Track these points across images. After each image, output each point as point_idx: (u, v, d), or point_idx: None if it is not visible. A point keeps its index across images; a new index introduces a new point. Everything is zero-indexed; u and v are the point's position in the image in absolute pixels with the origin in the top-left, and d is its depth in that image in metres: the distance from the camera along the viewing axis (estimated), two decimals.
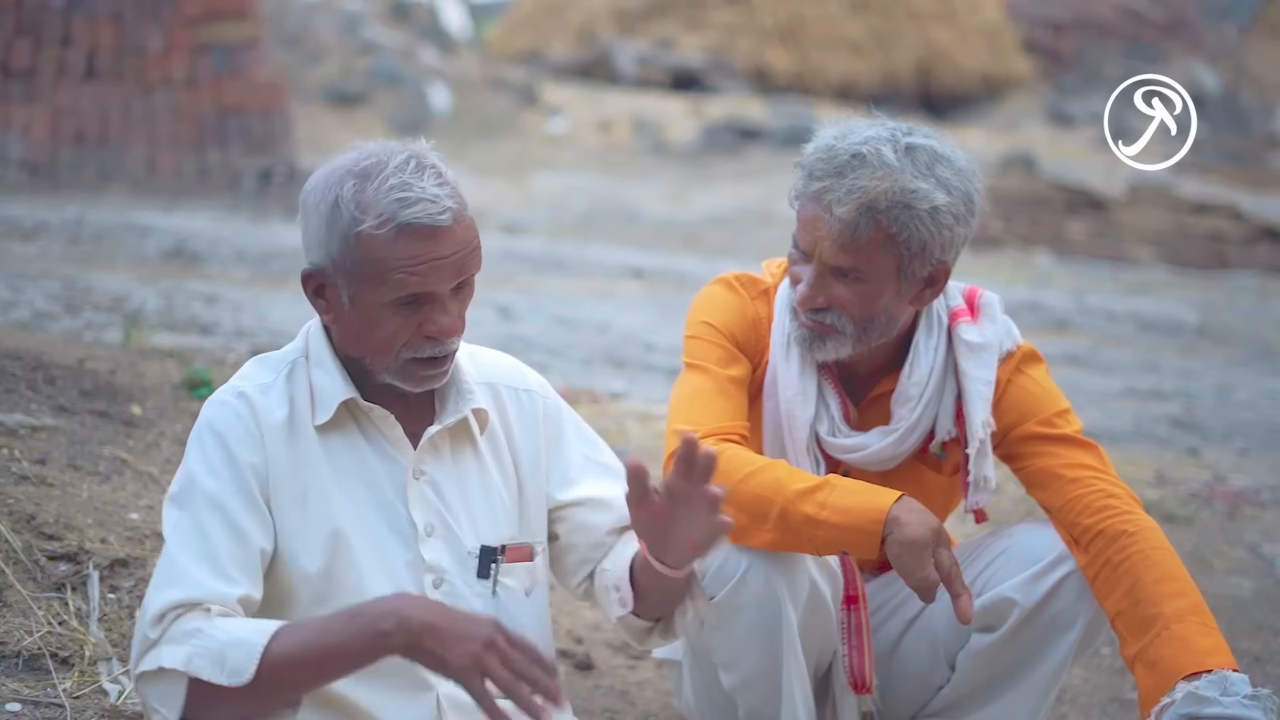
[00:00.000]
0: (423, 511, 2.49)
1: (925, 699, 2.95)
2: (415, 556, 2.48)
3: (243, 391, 2.47)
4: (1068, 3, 25.25)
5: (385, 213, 2.35)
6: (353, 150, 2.43)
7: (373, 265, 2.37)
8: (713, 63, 22.39)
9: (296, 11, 18.65)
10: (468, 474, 2.54)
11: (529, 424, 2.62)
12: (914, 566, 2.60)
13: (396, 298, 2.39)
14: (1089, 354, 8.59)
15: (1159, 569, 2.68)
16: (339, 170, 2.41)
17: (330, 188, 2.39)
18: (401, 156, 2.39)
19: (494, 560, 2.52)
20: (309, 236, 2.42)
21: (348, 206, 2.37)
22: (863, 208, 2.67)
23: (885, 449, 2.85)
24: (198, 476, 2.40)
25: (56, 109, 11.23)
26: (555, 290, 9.22)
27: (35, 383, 3.95)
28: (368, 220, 2.35)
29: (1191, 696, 2.56)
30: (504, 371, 2.64)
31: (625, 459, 2.40)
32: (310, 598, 2.43)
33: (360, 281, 2.39)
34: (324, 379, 2.48)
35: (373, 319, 2.41)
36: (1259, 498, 5.12)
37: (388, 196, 2.35)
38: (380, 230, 2.35)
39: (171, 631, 2.28)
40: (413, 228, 2.36)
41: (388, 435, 2.50)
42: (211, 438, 2.42)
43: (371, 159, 2.39)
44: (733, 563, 2.69)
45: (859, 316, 2.76)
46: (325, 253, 2.40)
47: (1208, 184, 15.84)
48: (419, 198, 2.36)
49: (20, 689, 2.91)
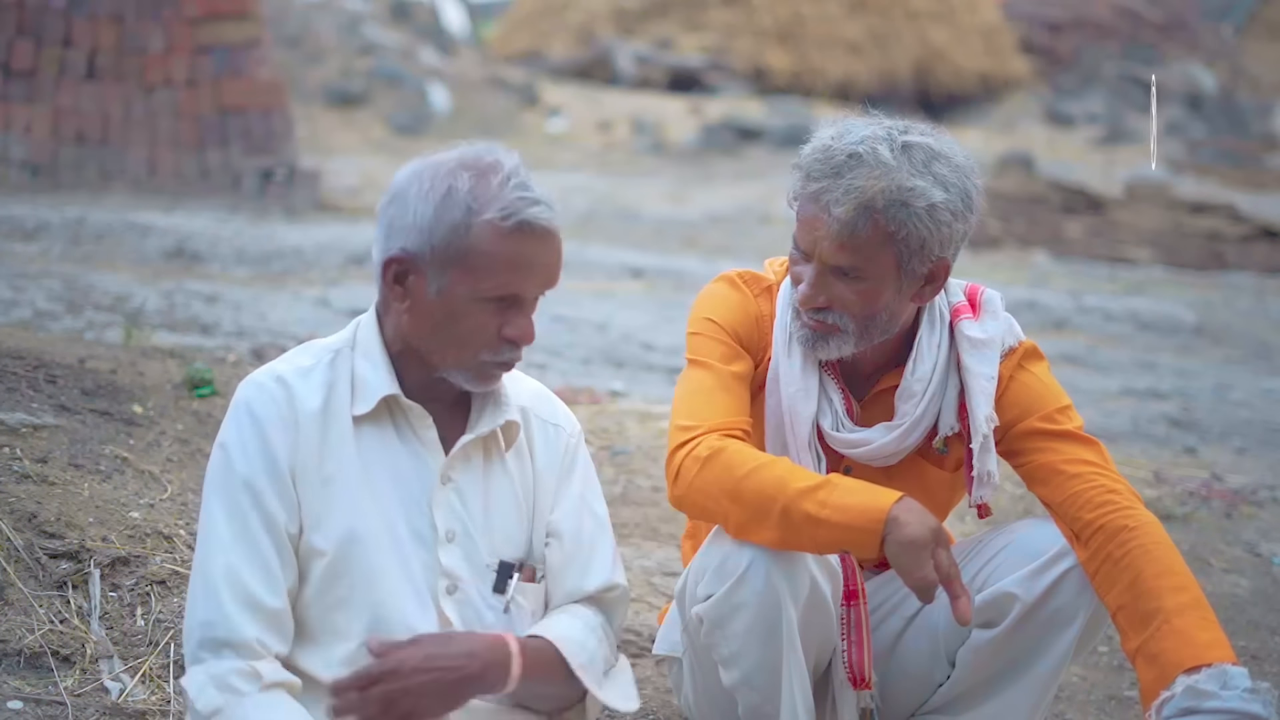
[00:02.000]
0: (446, 517, 2.51)
1: (925, 696, 2.96)
2: (432, 559, 2.50)
3: (281, 375, 2.50)
4: (1065, 3, 25.26)
5: (510, 208, 2.40)
6: (459, 146, 2.47)
7: (480, 258, 2.41)
8: (712, 63, 22.41)
9: (296, 11, 18.66)
10: (494, 487, 2.56)
11: (552, 457, 2.64)
12: (912, 566, 2.60)
13: (494, 295, 2.43)
14: (1087, 353, 8.60)
15: (1159, 564, 2.69)
16: (449, 164, 2.44)
17: (442, 178, 2.42)
18: (515, 159, 2.45)
19: (510, 576, 2.54)
20: (404, 222, 2.43)
21: (463, 196, 2.40)
22: (860, 207, 2.68)
23: (889, 444, 2.86)
24: (233, 454, 2.46)
25: (58, 109, 11.24)
26: (555, 290, 9.21)
27: (36, 382, 3.96)
28: (489, 212, 2.40)
29: (1191, 690, 2.57)
30: (537, 400, 2.67)
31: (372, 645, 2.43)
32: (320, 578, 2.46)
33: (460, 272, 2.42)
34: (369, 370, 2.50)
35: (459, 313, 2.44)
36: (1256, 496, 5.13)
37: (513, 194, 2.41)
38: (503, 223, 2.40)
39: (215, 668, 2.37)
40: (531, 226, 2.41)
41: (421, 436, 2.52)
42: (248, 419, 2.47)
43: (489, 156, 2.45)
44: (734, 560, 2.70)
45: (860, 315, 2.77)
46: (424, 240, 2.42)
47: (1205, 184, 15.84)
48: (539, 199, 2.42)
49: (22, 687, 2.92)
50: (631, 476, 4.76)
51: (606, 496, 2.97)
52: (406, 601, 2.47)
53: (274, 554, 2.43)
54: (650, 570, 4.04)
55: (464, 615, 2.50)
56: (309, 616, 2.47)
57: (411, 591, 2.48)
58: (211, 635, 2.38)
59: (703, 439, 2.73)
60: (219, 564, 2.41)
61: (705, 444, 2.72)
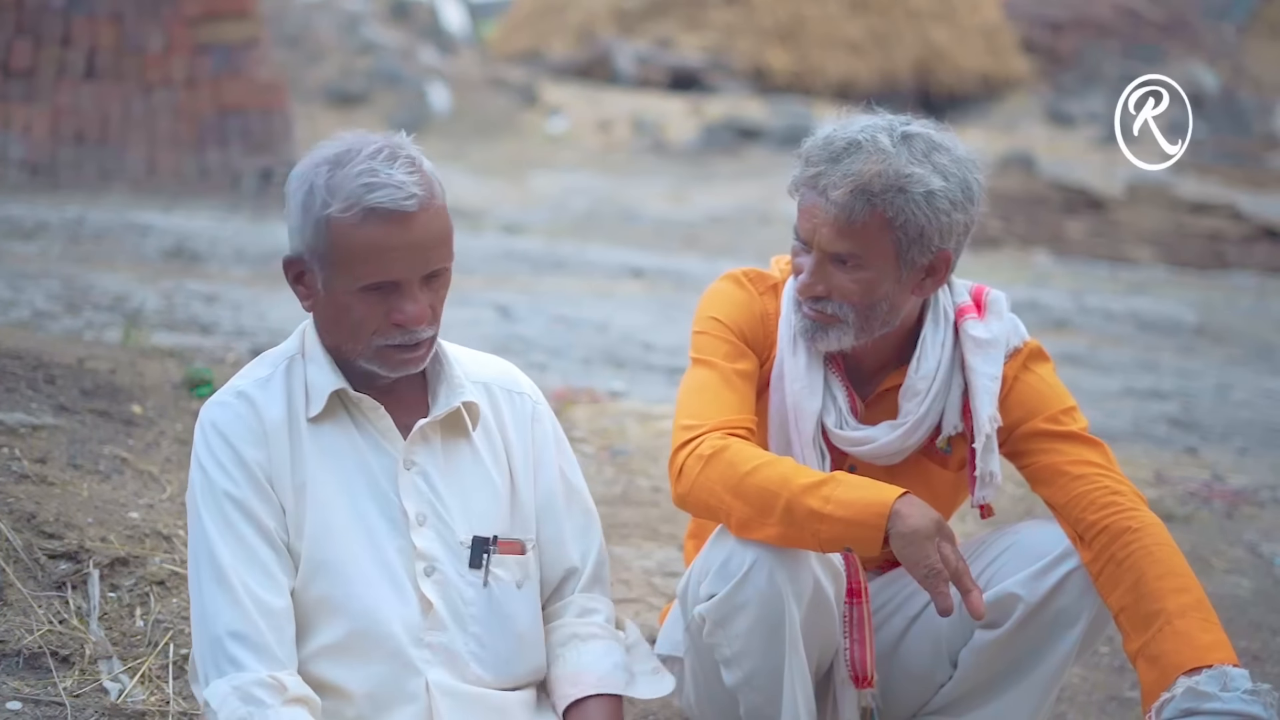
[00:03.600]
0: (414, 500, 2.54)
1: (927, 696, 2.96)
2: (406, 543, 2.52)
3: (242, 390, 2.53)
4: (1066, 2, 25.25)
5: (352, 197, 2.40)
6: (334, 140, 2.49)
7: (341, 251, 2.42)
8: (712, 63, 22.39)
9: (296, 11, 18.66)
10: (460, 466, 2.58)
11: (521, 424, 2.67)
12: (919, 557, 2.60)
13: (363, 284, 2.44)
14: (1088, 353, 8.59)
15: (1162, 565, 2.69)
16: (316, 158, 2.46)
17: (306, 175, 2.45)
18: (374, 145, 2.44)
19: (486, 550, 2.56)
20: (289, 224, 2.48)
21: (320, 192, 2.42)
22: (857, 190, 2.69)
23: (893, 442, 2.85)
24: (213, 476, 2.47)
25: (57, 109, 11.23)
26: (555, 290, 9.22)
27: (36, 382, 3.95)
28: (335, 204, 2.41)
29: (1192, 692, 2.57)
30: (497, 374, 2.71)
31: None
32: (303, 581, 2.49)
33: (331, 267, 2.44)
34: (315, 372, 2.53)
35: (343, 305, 2.46)
36: (1257, 497, 5.12)
37: (355, 182, 2.40)
38: (346, 214, 2.40)
39: (238, 679, 2.38)
40: (377, 213, 2.40)
41: (378, 426, 2.54)
42: (218, 439, 2.49)
43: (346, 147, 2.45)
44: (737, 559, 2.70)
45: (860, 304, 2.76)
46: (302, 239, 2.46)
47: (1206, 184, 15.84)
48: (385, 183, 2.41)
49: (21, 688, 2.91)
50: (632, 477, 4.76)
51: (607, 497, 2.98)
52: (383, 589, 2.50)
53: (272, 559, 2.46)
54: (651, 570, 4.03)
55: (445, 595, 2.53)
56: (295, 611, 2.49)
57: (388, 579, 2.50)
58: (234, 635, 2.39)
59: (705, 437, 2.73)
60: (233, 576, 2.42)
61: (708, 442, 2.72)
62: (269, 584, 2.44)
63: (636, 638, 2.75)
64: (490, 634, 2.56)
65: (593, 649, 2.65)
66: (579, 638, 2.66)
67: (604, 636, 2.68)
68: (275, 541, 2.47)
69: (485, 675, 2.55)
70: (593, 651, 2.65)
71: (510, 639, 2.58)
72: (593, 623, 2.68)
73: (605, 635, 2.68)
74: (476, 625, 2.55)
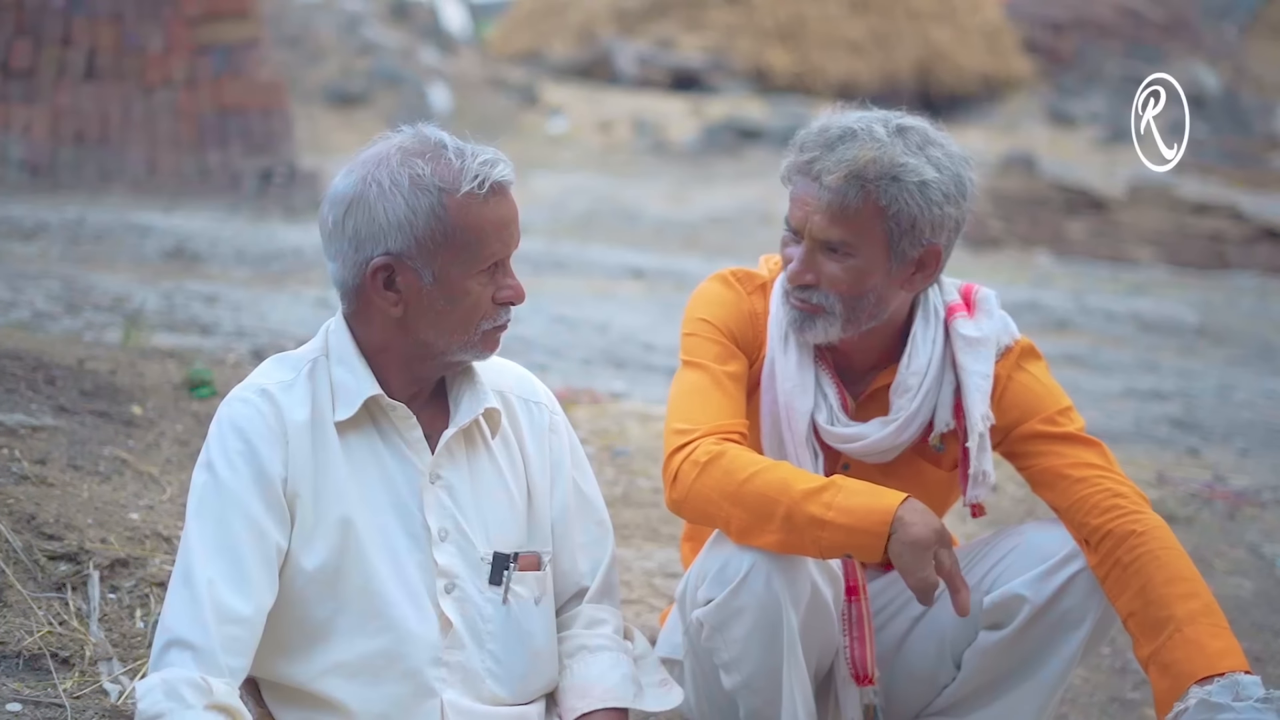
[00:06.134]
0: (437, 516, 2.50)
1: (930, 697, 2.95)
2: (427, 559, 2.49)
3: (265, 389, 2.47)
4: (1067, 3, 25.24)
5: (480, 173, 2.40)
6: (382, 143, 2.46)
7: (468, 232, 2.41)
8: (713, 63, 22.39)
9: (296, 11, 18.65)
10: (482, 478, 2.55)
11: (539, 436, 2.65)
12: (915, 567, 2.60)
13: (489, 262, 2.44)
14: (1089, 354, 8.59)
15: (1169, 569, 2.69)
16: (392, 158, 2.42)
17: (395, 172, 2.41)
18: (443, 133, 2.45)
19: (506, 567, 2.54)
20: (375, 227, 2.41)
21: (431, 180, 2.40)
22: (851, 176, 2.69)
23: (884, 439, 2.85)
24: (220, 472, 2.41)
25: (57, 109, 11.22)
26: (555, 290, 9.21)
27: (35, 383, 3.95)
28: (464, 185, 2.40)
29: (1205, 703, 2.56)
30: (515, 381, 2.67)
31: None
32: (315, 587, 2.44)
33: (450, 252, 2.41)
34: (346, 376, 2.48)
35: (460, 292, 2.44)
36: (1259, 498, 5.12)
37: (472, 161, 2.41)
38: (480, 191, 2.40)
39: (169, 674, 2.31)
40: (502, 185, 2.43)
41: (405, 436, 2.50)
42: (234, 434, 2.43)
43: (420, 141, 2.44)
44: (734, 564, 2.69)
45: (848, 294, 2.76)
46: (407, 234, 2.40)
47: (1208, 184, 15.82)
48: (498, 159, 2.44)
49: (21, 689, 2.90)
50: (632, 477, 4.75)
51: (607, 498, 2.97)
52: (404, 606, 2.46)
53: (256, 565, 2.39)
54: (651, 572, 4.03)
55: (465, 613, 2.50)
56: (302, 625, 2.45)
57: (408, 595, 2.46)
58: (178, 638, 2.33)
59: (700, 442, 2.72)
60: (199, 575, 2.36)
61: (703, 448, 2.71)
62: (241, 589, 2.36)
63: (645, 649, 2.73)
64: (507, 651, 2.53)
65: (601, 661, 2.63)
66: (587, 649, 2.64)
67: (612, 648, 2.65)
68: (267, 548, 2.40)
69: (501, 693, 2.52)
70: (600, 663, 2.62)
71: (526, 655, 2.56)
72: (601, 634, 2.66)
73: (613, 647, 2.66)
74: (494, 643, 2.52)
